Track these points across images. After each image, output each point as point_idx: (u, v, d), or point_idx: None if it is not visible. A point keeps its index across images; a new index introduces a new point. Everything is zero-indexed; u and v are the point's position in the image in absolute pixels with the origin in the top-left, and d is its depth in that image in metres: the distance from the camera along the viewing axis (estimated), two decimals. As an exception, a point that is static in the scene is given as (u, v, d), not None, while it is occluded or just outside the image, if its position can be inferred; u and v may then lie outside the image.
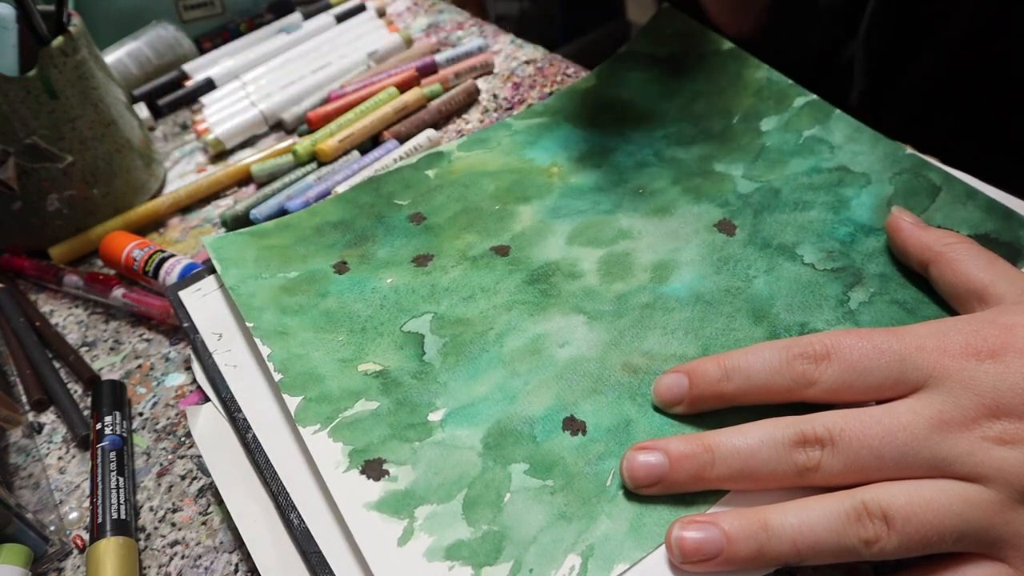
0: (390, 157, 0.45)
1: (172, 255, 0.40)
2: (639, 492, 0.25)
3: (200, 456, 0.33)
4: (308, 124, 0.50)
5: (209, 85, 0.56)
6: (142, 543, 0.31)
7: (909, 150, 0.35)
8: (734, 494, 0.25)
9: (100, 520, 0.30)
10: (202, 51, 0.61)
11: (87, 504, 0.33)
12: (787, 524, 0.22)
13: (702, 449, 0.25)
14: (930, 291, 0.30)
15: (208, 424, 0.32)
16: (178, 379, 0.37)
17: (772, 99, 0.40)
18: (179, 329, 0.40)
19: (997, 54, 0.42)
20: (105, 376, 0.38)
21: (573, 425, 0.28)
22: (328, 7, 0.63)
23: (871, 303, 0.30)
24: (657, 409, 0.28)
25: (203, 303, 0.35)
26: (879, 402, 0.24)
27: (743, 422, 0.25)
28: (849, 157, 0.36)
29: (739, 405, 0.26)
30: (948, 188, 0.33)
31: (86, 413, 0.36)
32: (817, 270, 0.32)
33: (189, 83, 0.57)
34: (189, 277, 0.36)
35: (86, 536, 0.32)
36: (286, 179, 0.46)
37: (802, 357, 0.25)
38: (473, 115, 0.50)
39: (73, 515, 0.33)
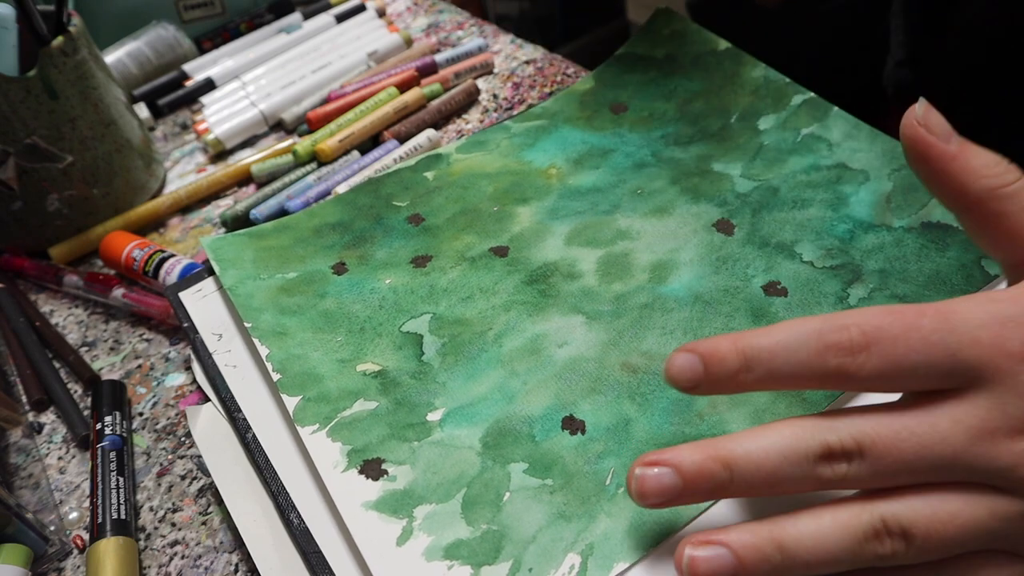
0: (390, 157, 0.45)
1: (172, 255, 0.40)
2: (648, 508, 0.23)
3: (200, 456, 0.33)
4: (308, 124, 0.51)
5: (209, 85, 0.56)
6: (142, 543, 0.31)
7: None
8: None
9: (100, 520, 0.30)
10: (202, 51, 0.61)
11: (87, 504, 0.33)
12: (801, 543, 0.21)
13: (719, 467, 0.22)
14: (932, 284, 0.30)
15: (208, 424, 0.32)
16: (178, 379, 0.37)
17: (770, 97, 0.40)
18: (179, 329, 0.40)
19: None
20: (105, 376, 0.38)
21: (572, 424, 0.28)
22: (328, 7, 0.63)
23: (871, 299, 0.30)
24: (656, 409, 0.28)
25: (203, 303, 0.35)
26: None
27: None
28: (847, 154, 0.36)
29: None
30: None
31: (86, 413, 0.36)
32: (816, 268, 0.32)
33: (189, 83, 0.57)
34: (189, 277, 0.36)
35: (86, 536, 0.32)
36: (286, 179, 0.46)
37: (836, 348, 0.21)
38: (473, 115, 0.50)
39: (73, 515, 0.33)
